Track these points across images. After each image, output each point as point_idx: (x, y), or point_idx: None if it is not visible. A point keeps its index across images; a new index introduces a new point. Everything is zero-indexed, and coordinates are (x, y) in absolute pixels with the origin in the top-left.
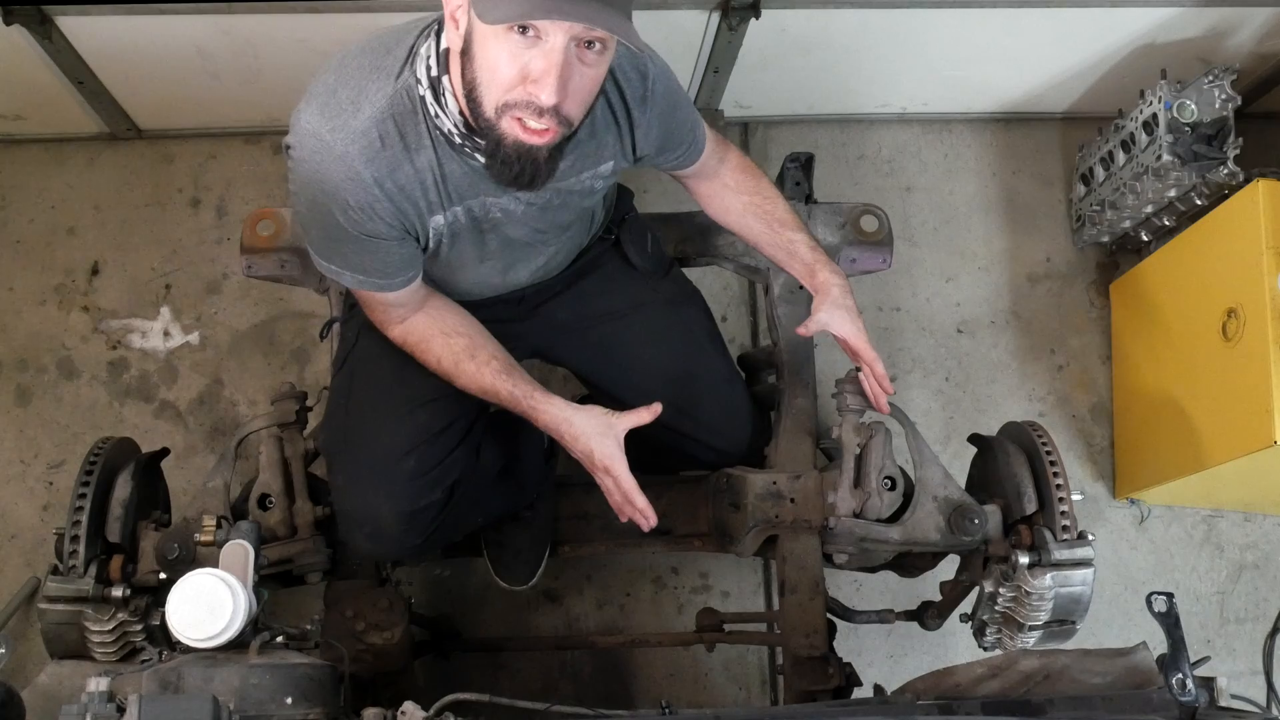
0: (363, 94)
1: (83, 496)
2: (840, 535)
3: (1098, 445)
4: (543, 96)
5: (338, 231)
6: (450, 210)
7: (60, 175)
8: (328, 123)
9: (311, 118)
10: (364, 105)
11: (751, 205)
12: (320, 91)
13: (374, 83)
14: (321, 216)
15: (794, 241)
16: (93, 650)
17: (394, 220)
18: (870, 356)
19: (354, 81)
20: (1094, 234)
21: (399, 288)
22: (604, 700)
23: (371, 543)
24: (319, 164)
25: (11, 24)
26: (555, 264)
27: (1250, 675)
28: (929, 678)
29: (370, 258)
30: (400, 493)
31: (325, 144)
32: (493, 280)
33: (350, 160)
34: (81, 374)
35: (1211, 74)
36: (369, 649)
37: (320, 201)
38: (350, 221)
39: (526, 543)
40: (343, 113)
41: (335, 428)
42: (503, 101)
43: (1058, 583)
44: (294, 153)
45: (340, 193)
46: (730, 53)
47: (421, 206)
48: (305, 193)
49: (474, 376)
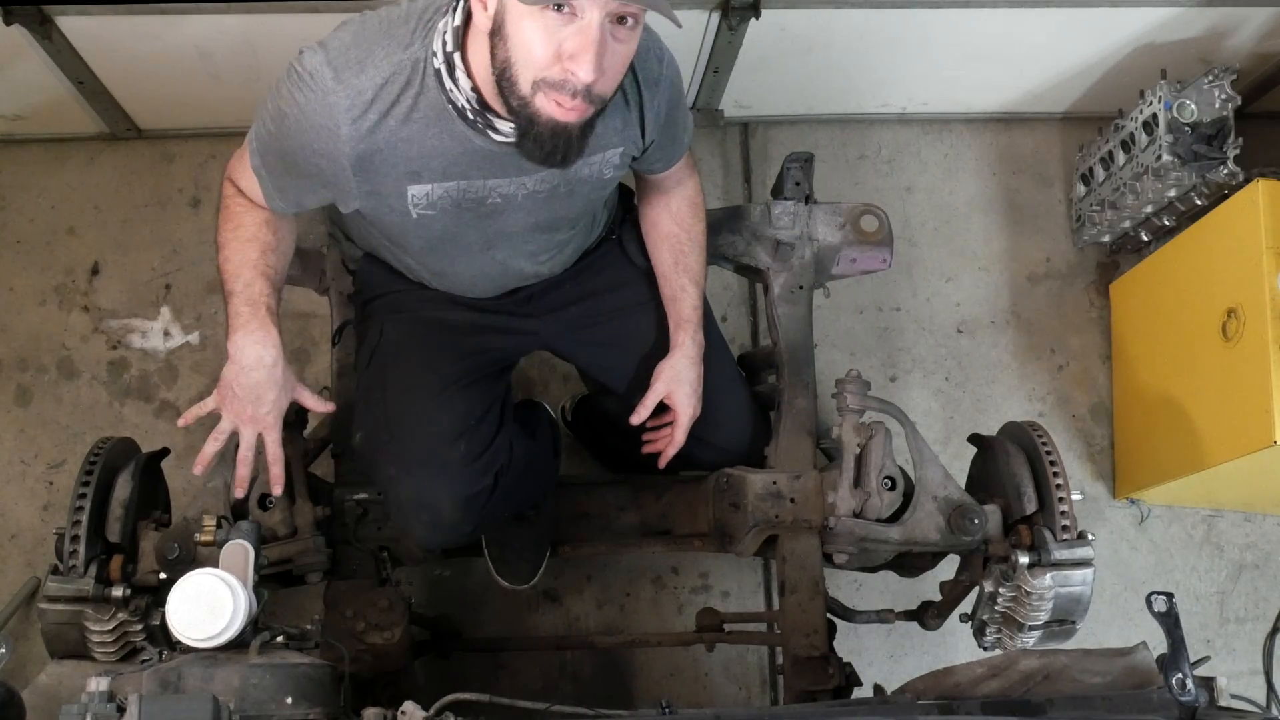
0: (370, 56)
1: (83, 496)
2: (840, 535)
3: (1098, 445)
4: (580, 74)
5: (284, 145)
6: (437, 185)
7: (60, 175)
8: (331, 72)
9: (319, 62)
10: (368, 67)
11: (673, 239)
12: (335, 44)
13: (382, 48)
14: (281, 126)
15: (685, 290)
16: (93, 650)
17: (339, 176)
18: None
19: (366, 43)
20: (1094, 234)
21: (281, 210)
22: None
23: (430, 530)
24: (307, 100)
25: (11, 24)
26: (559, 263)
27: (1250, 675)
28: (929, 678)
29: (286, 175)
30: (456, 477)
31: (322, 89)
32: (491, 272)
33: (335, 112)
34: (81, 374)
35: (1211, 74)
36: (369, 649)
37: (290, 120)
38: (300, 152)
39: (527, 542)
40: (348, 68)
41: (376, 422)
42: (539, 79)
43: (1058, 583)
44: (292, 77)
45: (311, 132)
46: (730, 53)
47: (393, 175)
48: (283, 102)
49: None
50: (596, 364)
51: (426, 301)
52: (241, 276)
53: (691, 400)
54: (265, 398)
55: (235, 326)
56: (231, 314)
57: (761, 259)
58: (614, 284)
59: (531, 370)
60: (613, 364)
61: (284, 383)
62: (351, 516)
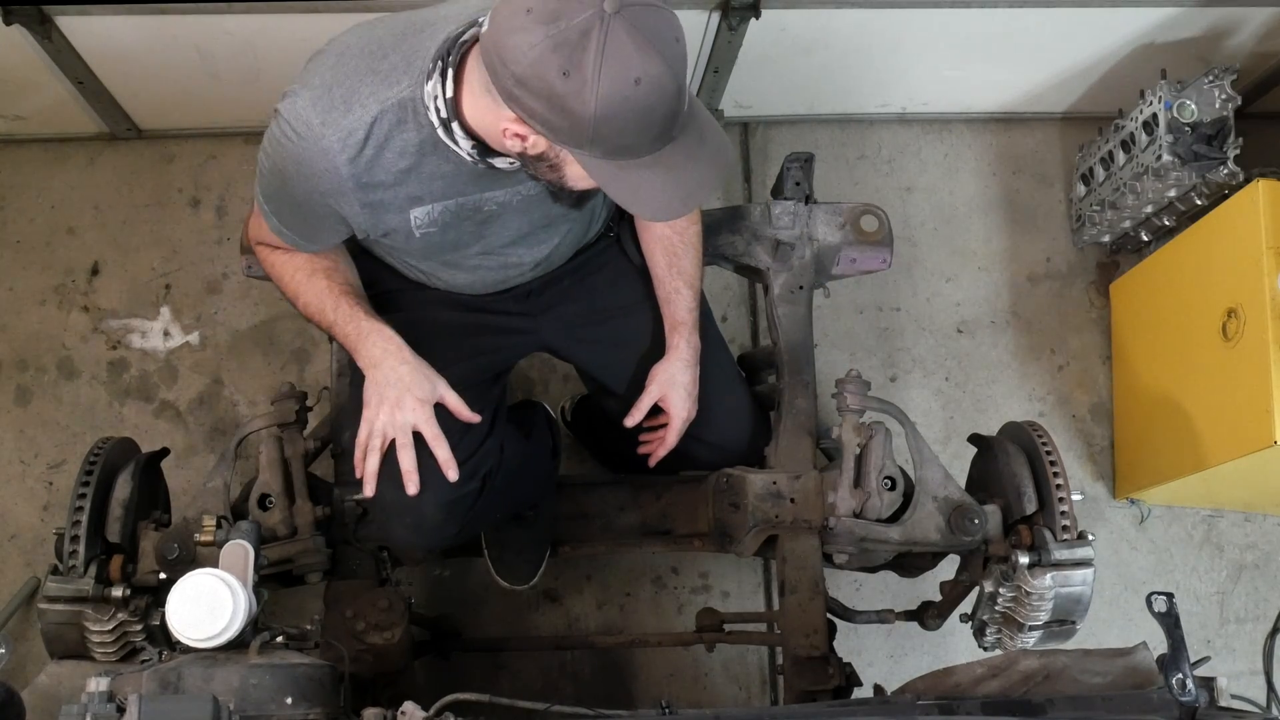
0: (355, 95)
1: (83, 496)
2: (840, 535)
3: (1098, 445)
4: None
5: (292, 197)
6: (437, 204)
7: (60, 175)
8: (318, 115)
9: (303, 104)
10: (355, 107)
11: (667, 242)
12: (316, 83)
13: (367, 86)
14: (284, 181)
15: (679, 293)
16: (93, 650)
17: (352, 211)
18: (672, 431)
19: (348, 82)
20: (1094, 234)
21: (305, 251)
22: (604, 700)
23: (412, 533)
24: (302, 148)
25: (11, 24)
26: (558, 255)
27: (1250, 675)
28: (929, 678)
29: (305, 224)
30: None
31: (313, 133)
32: (489, 270)
33: (332, 155)
34: (81, 374)
35: (1211, 74)
36: (369, 649)
37: (290, 172)
38: (309, 199)
39: (527, 542)
40: (334, 109)
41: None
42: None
43: (1058, 583)
44: (280, 125)
45: (313, 178)
46: (730, 53)
47: (397, 199)
48: (278, 157)
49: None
50: (595, 363)
51: (423, 302)
52: (328, 306)
53: (686, 403)
54: (416, 382)
55: (356, 344)
56: (346, 340)
57: (761, 259)
58: (612, 282)
59: (531, 370)
60: (611, 363)
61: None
62: (351, 516)
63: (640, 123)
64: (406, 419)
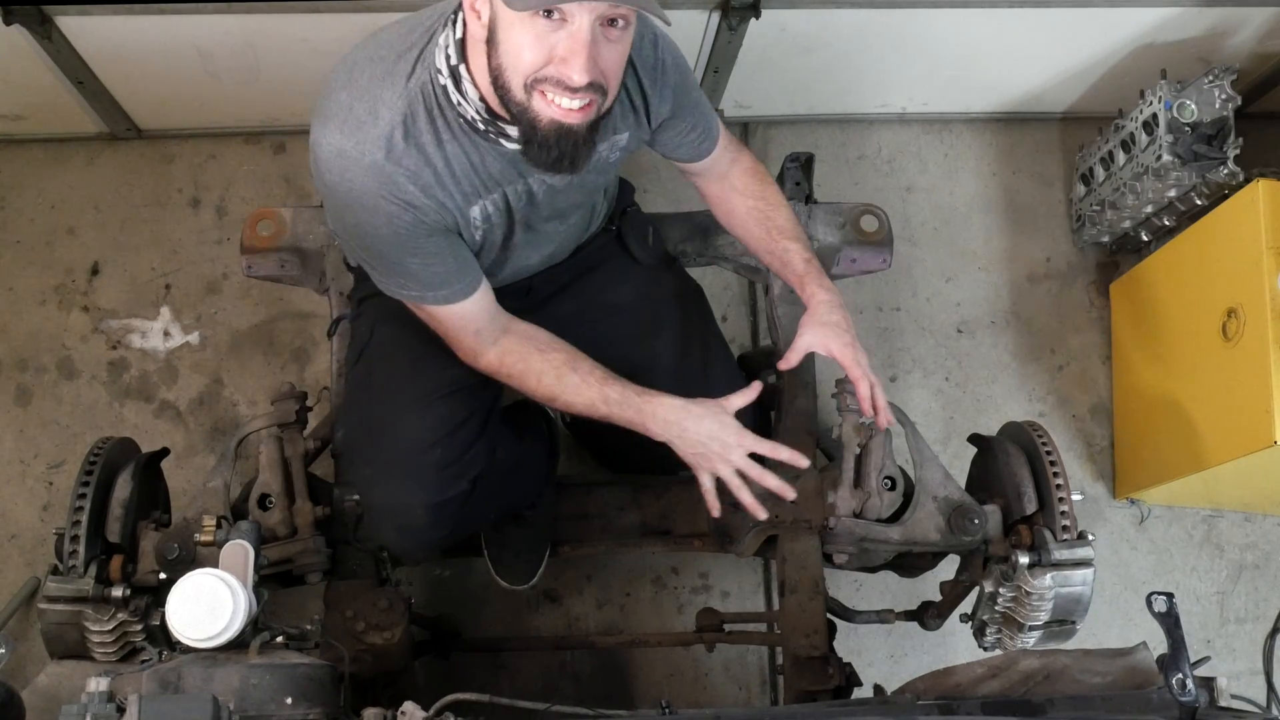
0: (379, 102)
1: (83, 496)
2: (840, 535)
3: (1098, 445)
4: (574, 77)
5: (392, 245)
6: (487, 198)
7: (60, 175)
8: (349, 138)
9: (333, 137)
10: (381, 112)
11: (755, 210)
12: (335, 110)
13: (387, 89)
14: (371, 236)
15: (789, 251)
16: (93, 650)
17: (437, 215)
18: (856, 375)
19: (367, 93)
20: (1094, 234)
21: (472, 290)
22: (604, 700)
23: (400, 535)
24: (352, 179)
25: (11, 24)
26: (561, 251)
27: (1250, 675)
28: (929, 678)
29: (431, 264)
30: (429, 483)
31: (352, 158)
32: (505, 270)
33: (379, 166)
34: (81, 374)
35: (1211, 74)
36: (369, 649)
37: (364, 219)
38: (398, 229)
39: (527, 542)
40: (362, 125)
41: (357, 421)
42: (531, 78)
43: (1058, 583)
44: (326, 177)
45: (380, 202)
46: (730, 53)
47: (457, 198)
48: (348, 215)
49: (579, 388)
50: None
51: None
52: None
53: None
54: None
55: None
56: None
57: None
58: (611, 279)
59: None
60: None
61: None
62: (351, 516)
63: None
64: (741, 460)
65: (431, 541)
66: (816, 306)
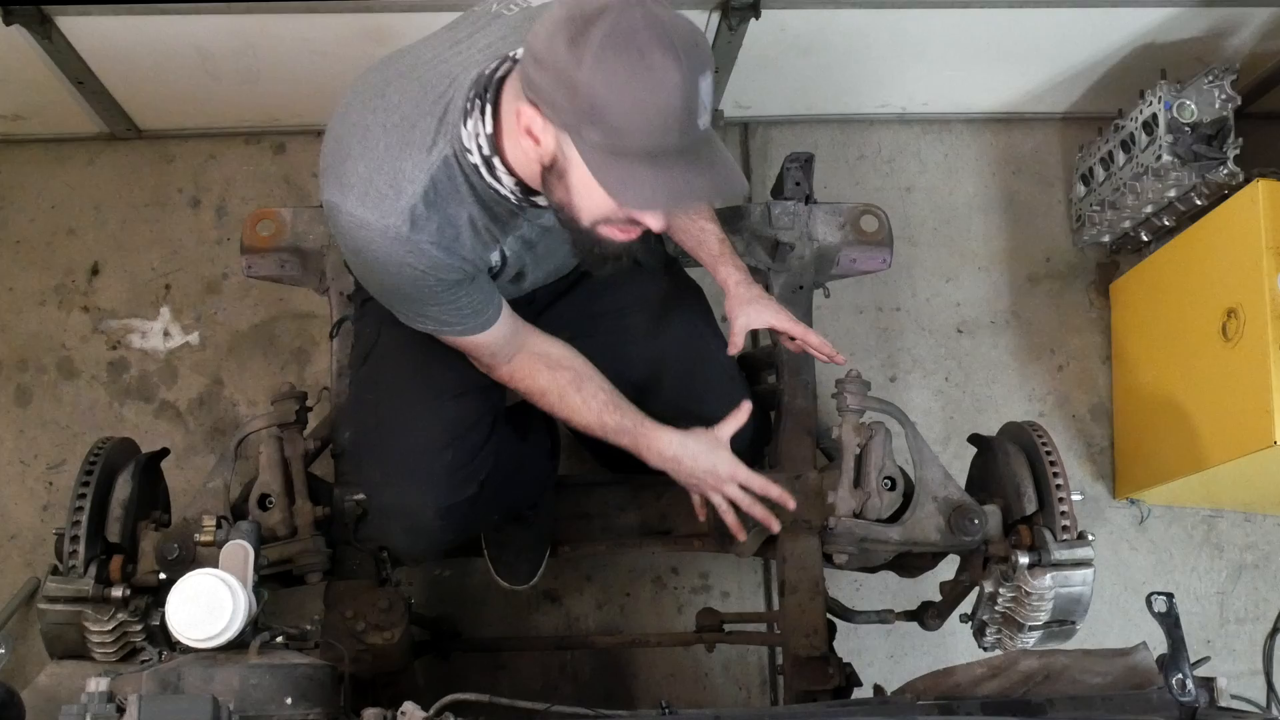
0: (400, 174)
1: (83, 496)
2: (840, 535)
3: (1098, 445)
4: (654, 226)
5: (418, 297)
6: (505, 244)
7: (60, 175)
8: (372, 211)
9: (354, 208)
10: (404, 185)
11: None
12: (354, 181)
13: (406, 161)
14: (398, 292)
15: (706, 231)
16: (93, 650)
17: (461, 269)
18: (800, 330)
19: (387, 165)
20: (1094, 234)
21: (492, 322)
22: (604, 700)
23: (409, 537)
24: (376, 249)
25: (11, 24)
26: (568, 264)
27: (1250, 675)
28: (929, 678)
29: (457, 307)
30: (440, 485)
31: (376, 230)
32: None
33: (403, 237)
34: (81, 374)
35: (1211, 74)
36: (369, 649)
37: (387, 281)
38: (425, 285)
39: (527, 542)
40: (384, 199)
41: (365, 423)
42: (603, 219)
43: (1058, 583)
44: (348, 243)
45: (405, 266)
46: (730, 53)
47: (479, 249)
48: (374, 276)
49: (580, 410)
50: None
51: None
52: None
53: (775, 311)
54: (716, 462)
55: (643, 451)
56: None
57: (761, 259)
58: (614, 283)
59: None
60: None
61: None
62: (351, 516)
63: (642, 110)
64: (733, 493)
65: (439, 544)
66: (736, 287)
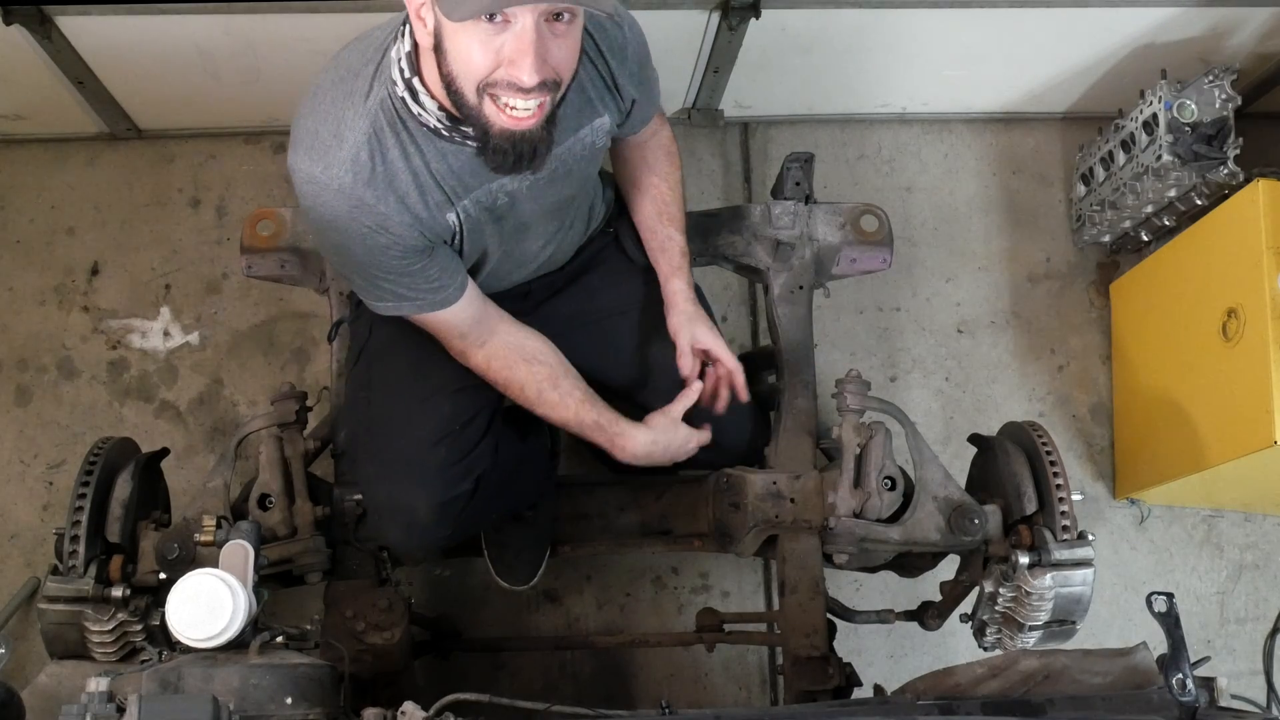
0: (342, 124)
1: (83, 496)
2: (840, 535)
3: (1098, 445)
4: (524, 78)
5: (371, 263)
6: (460, 205)
7: (60, 175)
8: (317, 163)
9: (301, 162)
10: (345, 134)
11: (655, 189)
12: (303, 136)
13: (348, 110)
14: (349, 255)
15: (672, 239)
16: (93, 650)
17: (412, 230)
18: (733, 365)
19: (330, 116)
20: (1094, 234)
21: (455, 298)
22: (604, 700)
23: (404, 534)
24: (324, 203)
25: (11, 24)
26: (561, 254)
27: (1250, 675)
28: (929, 678)
29: (412, 279)
30: (434, 482)
31: (322, 183)
32: (505, 272)
33: (347, 189)
34: (81, 374)
35: (1211, 74)
36: (369, 649)
37: (341, 241)
38: (375, 247)
39: (527, 543)
40: (328, 150)
41: (359, 420)
42: (482, 83)
43: (1058, 583)
44: (303, 201)
45: (352, 223)
46: (730, 53)
47: (431, 207)
48: (325, 237)
49: (556, 406)
50: (592, 363)
51: None
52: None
53: (715, 335)
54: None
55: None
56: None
57: (761, 259)
58: (609, 281)
59: None
60: (608, 364)
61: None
62: (351, 516)
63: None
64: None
65: (435, 541)
66: (684, 303)
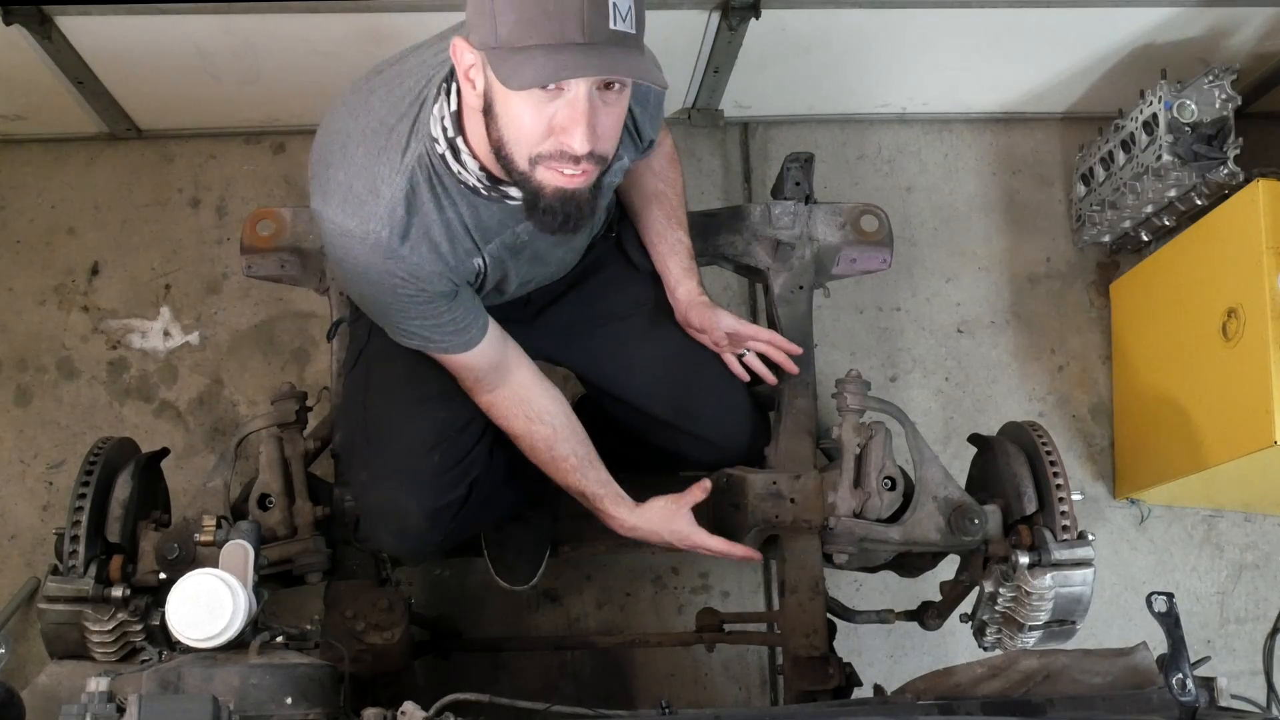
0: (377, 179)
1: (83, 496)
2: (840, 535)
3: (1098, 445)
4: (575, 146)
5: (399, 310)
6: (485, 250)
7: (60, 175)
8: (351, 217)
9: (335, 215)
10: (382, 189)
11: (661, 194)
12: (335, 189)
13: (383, 165)
14: (380, 302)
15: (681, 242)
16: (93, 650)
17: (441, 278)
18: (768, 334)
19: (364, 170)
20: (1094, 234)
21: (475, 342)
22: (604, 700)
23: (397, 539)
24: (356, 256)
25: (11, 24)
26: (566, 264)
27: (1250, 675)
28: (929, 678)
29: (439, 321)
30: (426, 487)
31: (356, 236)
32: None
33: (382, 242)
34: (81, 374)
35: (1211, 74)
36: (369, 649)
37: (372, 290)
38: (407, 295)
39: (527, 543)
40: (364, 204)
41: (354, 424)
42: (535, 154)
43: (1058, 583)
44: (331, 251)
45: (386, 275)
46: (730, 53)
47: (461, 255)
48: (356, 285)
49: (547, 466)
50: (593, 369)
51: None
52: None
53: (738, 319)
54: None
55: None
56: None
57: (761, 259)
58: (610, 286)
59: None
60: (609, 369)
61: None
62: (351, 516)
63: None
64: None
65: (428, 545)
66: (700, 298)
